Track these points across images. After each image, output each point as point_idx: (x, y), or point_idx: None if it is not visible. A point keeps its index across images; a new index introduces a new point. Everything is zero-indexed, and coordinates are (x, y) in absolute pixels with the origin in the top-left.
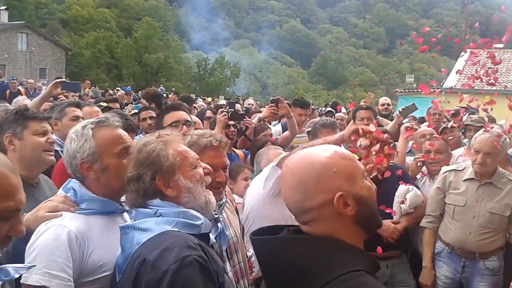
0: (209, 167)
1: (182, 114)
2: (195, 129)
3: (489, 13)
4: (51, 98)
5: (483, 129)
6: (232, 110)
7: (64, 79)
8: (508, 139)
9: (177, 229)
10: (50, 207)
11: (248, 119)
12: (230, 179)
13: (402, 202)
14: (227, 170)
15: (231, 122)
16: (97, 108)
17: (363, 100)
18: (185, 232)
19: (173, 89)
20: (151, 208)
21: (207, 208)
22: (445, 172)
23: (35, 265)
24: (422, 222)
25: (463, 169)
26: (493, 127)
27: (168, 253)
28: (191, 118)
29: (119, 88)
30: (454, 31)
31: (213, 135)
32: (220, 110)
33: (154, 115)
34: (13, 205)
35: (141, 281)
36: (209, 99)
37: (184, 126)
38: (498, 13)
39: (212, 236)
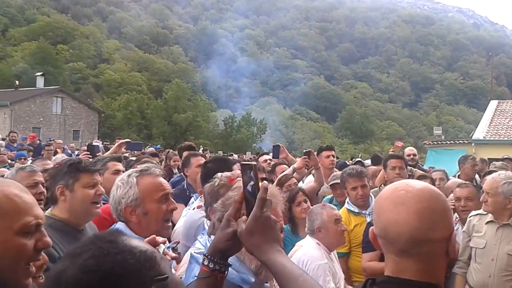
0: None
1: None
2: None
3: None
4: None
5: None
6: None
7: (128, 140)
8: None
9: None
10: None
11: None
12: None
13: None
14: None
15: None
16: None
17: (391, 149)
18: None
19: (201, 146)
20: None
21: None
22: (470, 216)
23: None
24: (453, 268)
25: (487, 213)
26: None
27: None
28: None
29: (149, 147)
30: (480, 83)
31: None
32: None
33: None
34: (32, 219)
35: None
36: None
37: None
38: None
39: None
